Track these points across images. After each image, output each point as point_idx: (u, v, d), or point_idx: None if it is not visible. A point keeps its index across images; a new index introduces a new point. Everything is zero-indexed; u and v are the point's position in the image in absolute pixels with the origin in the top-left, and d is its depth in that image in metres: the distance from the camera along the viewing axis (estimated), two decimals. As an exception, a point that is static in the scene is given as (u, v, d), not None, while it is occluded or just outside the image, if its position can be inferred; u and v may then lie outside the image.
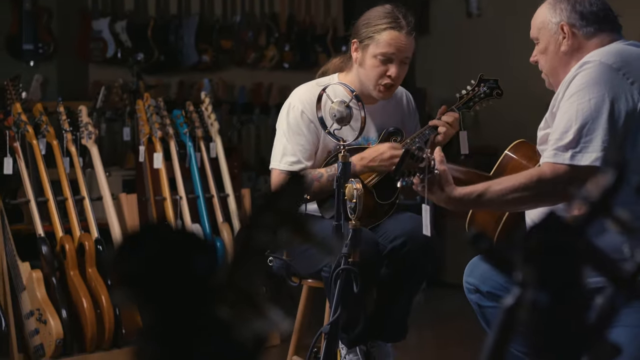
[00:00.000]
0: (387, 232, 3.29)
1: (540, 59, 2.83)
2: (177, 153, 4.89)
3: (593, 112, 2.56)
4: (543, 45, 2.81)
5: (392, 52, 3.29)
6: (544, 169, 2.64)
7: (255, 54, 7.05)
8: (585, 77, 2.61)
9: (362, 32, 3.34)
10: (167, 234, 0.89)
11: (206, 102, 5.07)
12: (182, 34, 6.77)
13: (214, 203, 4.95)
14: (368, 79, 3.34)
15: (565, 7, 2.78)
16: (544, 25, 2.80)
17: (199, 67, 6.84)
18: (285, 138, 3.37)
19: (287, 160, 3.34)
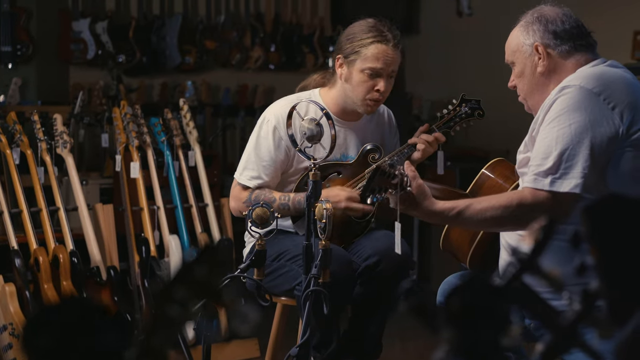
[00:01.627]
0: (361, 250, 3.34)
1: (518, 83, 2.86)
2: (154, 162, 4.92)
3: (574, 138, 2.59)
4: (519, 69, 2.84)
5: (380, 66, 3.35)
6: (525, 193, 2.67)
7: (240, 54, 7.08)
8: (565, 102, 2.63)
9: (346, 47, 3.38)
10: (78, 310, 0.93)
11: (185, 109, 5.09)
12: (165, 34, 6.79)
13: (193, 213, 4.98)
14: (356, 94, 3.39)
15: (538, 27, 2.80)
16: (518, 48, 2.83)
17: (182, 68, 6.86)
18: (252, 151, 3.45)
19: (247, 174, 3.43)
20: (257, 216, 3.02)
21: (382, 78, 3.37)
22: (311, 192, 3.01)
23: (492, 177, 3.07)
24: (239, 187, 3.46)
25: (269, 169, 3.41)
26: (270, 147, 3.40)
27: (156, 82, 6.86)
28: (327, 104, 3.45)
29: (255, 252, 3.03)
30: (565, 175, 2.60)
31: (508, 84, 2.93)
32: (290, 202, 3.36)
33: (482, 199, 2.77)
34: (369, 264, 3.31)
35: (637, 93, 2.68)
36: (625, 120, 2.61)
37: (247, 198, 3.41)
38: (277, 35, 7.26)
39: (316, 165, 3.02)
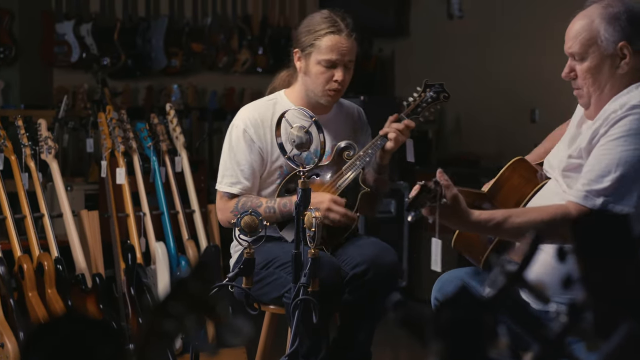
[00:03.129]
0: (349, 258, 3.38)
1: (585, 78, 2.73)
2: (140, 168, 4.95)
3: (636, 164, 2.56)
4: (592, 64, 2.70)
5: (335, 57, 3.43)
6: (570, 209, 2.63)
7: (227, 57, 7.12)
8: (635, 123, 2.58)
9: (302, 40, 3.48)
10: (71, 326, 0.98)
11: (171, 114, 5.13)
12: (150, 37, 6.83)
13: (179, 219, 5.02)
14: (315, 86, 3.48)
15: (625, 23, 2.67)
16: (596, 42, 2.69)
17: (168, 71, 6.90)
18: (227, 158, 3.52)
19: (227, 181, 3.49)
20: (246, 224, 3.07)
21: (339, 68, 3.45)
22: (300, 200, 3.06)
23: (514, 178, 3.02)
24: (223, 197, 3.51)
25: (247, 173, 3.47)
26: (243, 150, 3.47)
27: (141, 85, 6.90)
28: (293, 101, 3.53)
29: (244, 261, 3.07)
30: (619, 201, 2.56)
31: (563, 74, 2.78)
32: (276, 205, 3.41)
33: (521, 211, 2.74)
34: (357, 272, 3.36)
35: None
36: None
37: (234, 207, 3.46)
38: (265, 37, 7.30)
39: (304, 173, 3.08)
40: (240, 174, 3.48)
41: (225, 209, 3.50)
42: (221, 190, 3.52)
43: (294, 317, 3.05)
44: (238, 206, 3.44)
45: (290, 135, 3.09)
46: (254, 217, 3.07)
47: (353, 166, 3.47)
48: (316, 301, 3.02)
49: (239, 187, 3.47)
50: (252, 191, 3.49)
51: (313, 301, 3.00)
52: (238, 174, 3.48)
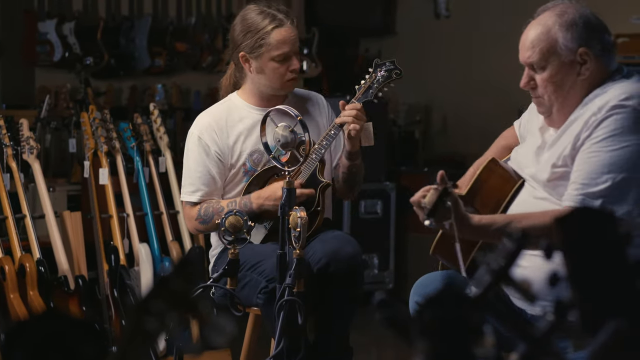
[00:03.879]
0: (313, 254, 3.37)
1: (546, 87, 2.74)
2: (124, 168, 4.95)
3: (629, 161, 2.58)
4: (553, 72, 2.71)
5: (287, 49, 3.47)
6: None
7: (211, 57, 7.10)
8: (619, 122, 2.59)
9: (246, 42, 3.48)
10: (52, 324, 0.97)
11: (155, 114, 5.13)
12: (134, 36, 6.81)
13: (163, 220, 5.02)
14: (273, 81, 3.51)
15: (582, 29, 2.69)
16: (555, 50, 2.70)
17: (152, 71, 6.87)
18: (185, 167, 3.58)
19: (187, 190, 3.55)
20: (231, 225, 3.08)
21: (292, 57, 3.48)
22: (285, 200, 3.07)
23: (491, 179, 3.01)
24: (187, 206, 3.55)
25: (205, 179, 3.49)
26: (200, 157, 3.50)
27: (125, 85, 6.88)
28: (247, 99, 3.56)
29: (228, 261, 3.07)
30: (618, 200, 2.57)
31: (521, 83, 2.79)
32: (237, 206, 3.42)
33: (522, 216, 2.73)
34: (320, 267, 3.35)
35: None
36: None
37: (197, 214, 3.49)
38: (250, 37, 7.29)
39: (289, 173, 3.09)
40: (199, 181, 3.50)
41: (190, 218, 3.54)
42: (184, 200, 3.57)
43: (278, 318, 3.05)
44: (201, 213, 3.48)
45: (275, 134, 3.10)
46: (239, 217, 3.08)
47: (310, 161, 3.43)
48: (301, 302, 3.02)
49: (199, 195, 3.50)
50: (213, 196, 3.50)
51: (299, 302, 3.00)
52: (196, 181, 3.51)
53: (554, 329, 1.36)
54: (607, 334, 1.29)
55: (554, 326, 1.35)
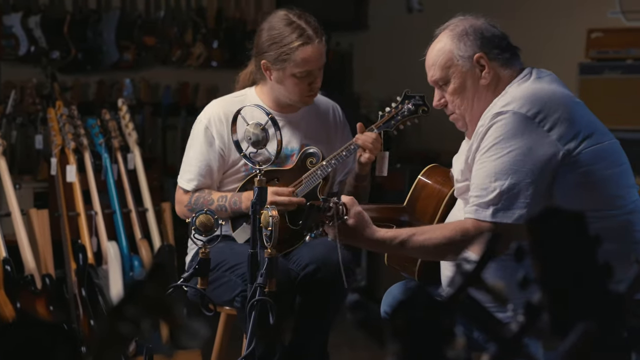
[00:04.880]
0: (299, 259, 3.41)
1: (454, 100, 2.83)
2: (92, 165, 4.95)
3: (512, 167, 2.63)
4: (457, 85, 2.81)
5: (311, 68, 3.43)
6: (467, 224, 2.71)
7: (181, 51, 7.11)
8: (500, 129, 2.65)
9: (271, 52, 3.45)
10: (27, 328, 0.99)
11: (123, 109, 5.13)
12: (102, 30, 6.80)
13: (132, 218, 5.02)
14: (292, 96, 3.49)
15: (474, 37, 2.80)
16: (453, 62, 2.80)
17: (120, 65, 6.86)
18: (188, 152, 3.58)
19: (185, 177, 3.55)
20: (201, 223, 3.09)
21: (315, 75, 3.46)
22: (256, 198, 3.08)
23: (430, 183, 3.10)
24: (181, 190, 3.55)
25: (204, 170, 3.50)
26: (202, 147, 3.50)
27: (92, 80, 6.86)
28: (263, 99, 3.56)
29: (199, 261, 3.09)
30: (508, 207, 2.64)
31: (434, 103, 2.90)
32: (227, 203, 3.44)
33: (424, 229, 2.80)
34: (307, 272, 3.39)
35: (569, 104, 2.72)
36: (562, 139, 2.64)
37: (187, 202, 3.51)
38: (220, 31, 7.30)
39: (261, 172, 3.10)
40: (197, 171, 3.51)
41: (181, 202, 3.57)
42: (180, 186, 3.57)
43: (249, 318, 3.07)
44: (191, 201, 3.50)
45: (246, 132, 3.11)
46: (209, 217, 3.09)
47: (313, 175, 3.48)
48: (273, 302, 3.04)
49: (194, 184, 3.51)
50: (209, 188, 3.52)
51: (270, 302, 3.02)
52: (194, 170, 3.52)
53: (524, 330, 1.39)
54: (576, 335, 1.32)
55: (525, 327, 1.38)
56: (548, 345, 1.37)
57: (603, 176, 2.69)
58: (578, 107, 2.76)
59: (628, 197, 2.73)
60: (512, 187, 2.63)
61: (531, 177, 2.62)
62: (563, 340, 1.34)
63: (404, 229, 2.82)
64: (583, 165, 2.65)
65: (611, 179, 2.71)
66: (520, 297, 1.35)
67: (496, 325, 1.44)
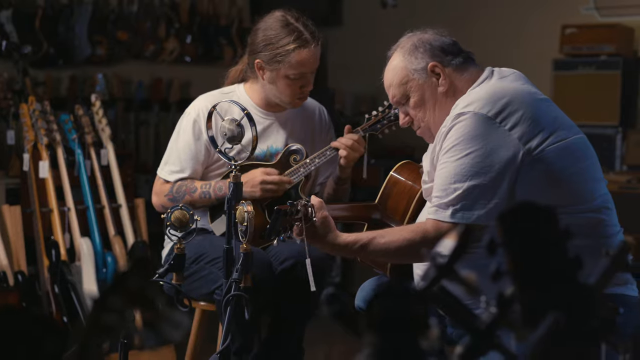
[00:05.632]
0: (278, 253, 3.46)
1: (417, 114, 2.88)
2: (65, 161, 4.97)
3: (472, 168, 2.66)
4: (417, 98, 2.86)
5: (305, 71, 3.48)
6: (427, 225, 2.75)
7: (154, 46, 7.12)
8: (461, 129, 2.67)
9: (266, 53, 3.49)
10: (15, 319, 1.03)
11: (97, 105, 5.15)
12: (74, 24, 6.79)
13: (105, 214, 5.04)
14: (283, 96, 3.53)
15: (424, 49, 2.86)
16: (408, 78, 2.86)
17: (93, 60, 6.85)
18: (173, 145, 3.60)
19: (168, 169, 3.56)
20: (176, 219, 3.12)
21: (308, 77, 3.50)
22: (232, 194, 3.12)
23: (401, 180, 3.14)
24: (161, 181, 3.58)
25: (190, 163, 3.54)
26: (189, 140, 3.53)
27: (64, 74, 6.86)
28: (252, 97, 3.59)
29: (174, 256, 3.12)
30: (468, 208, 2.68)
31: (400, 122, 2.96)
32: (211, 189, 3.48)
33: (385, 232, 2.83)
34: (285, 267, 3.43)
35: (532, 102, 2.74)
36: (524, 138, 2.66)
37: (168, 191, 3.53)
38: (194, 26, 7.32)
39: (236, 167, 3.14)
40: (182, 164, 3.55)
41: (160, 192, 3.57)
42: (161, 177, 3.59)
43: (225, 314, 3.10)
44: (173, 190, 3.52)
45: (221, 128, 3.14)
46: (185, 212, 3.12)
47: (296, 172, 3.52)
48: (248, 297, 3.08)
49: (177, 177, 3.55)
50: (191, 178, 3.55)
51: (245, 297, 3.06)
52: (178, 162, 3.55)
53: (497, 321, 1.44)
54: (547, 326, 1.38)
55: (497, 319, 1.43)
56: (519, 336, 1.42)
57: (569, 172, 2.72)
58: (542, 104, 2.77)
59: (596, 192, 2.76)
60: (471, 188, 2.66)
61: (491, 179, 2.65)
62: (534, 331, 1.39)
63: (365, 233, 2.85)
64: (547, 162, 2.68)
65: (578, 174, 2.74)
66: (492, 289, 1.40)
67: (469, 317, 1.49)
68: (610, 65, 6.19)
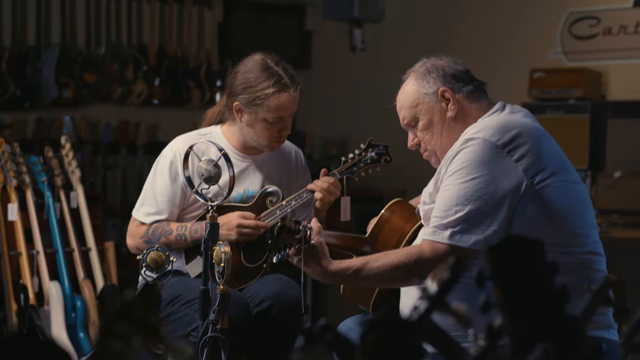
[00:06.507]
0: (254, 295, 3.49)
1: (424, 137, 2.97)
2: (34, 203, 4.98)
3: (475, 193, 2.73)
4: (425, 121, 2.95)
5: (284, 115, 3.54)
6: (424, 247, 2.80)
7: (121, 88, 7.13)
8: (468, 154, 2.75)
9: (244, 95, 3.54)
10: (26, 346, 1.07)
11: (66, 147, 5.17)
12: (41, 66, 6.81)
13: (75, 258, 5.04)
14: (261, 139, 3.57)
15: (437, 74, 2.94)
16: (419, 101, 2.95)
17: (60, 102, 6.85)
18: (149, 186, 3.62)
19: (144, 210, 3.58)
20: (152, 260, 3.15)
21: (286, 121, 3.55)
22: (209, 234, 3.16)
23: (393, 219, 3.18)
24: (136, 222, 3.60)
25: (166, 205, 3.56)
26: (166, 182, 3.56)
27: (31, 117, 6.85)
28: (229, 139, 3.63)
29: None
30: (466, 231, 2.73)
31: (408, 144, 3.03)
32: (187, 231, 3.51)
33: (378, 256, 2.89)
34: (261, 309, 3.47)
35: (539, 138, 2.83)
36: (529, 171, 2.73)
37: (144, 233, 3.55)
38: (162, 68, 7.35)
39: (213, 208, 3.18)
40: (159, 206, 3.57)
41: (136, 234, 3.59)
42: (137, 218, 3.61)
43: (202, 355, 3.13)
44: (149, 232, 3.54)
45: (198, 168, 3.19)
46: (160, 253, 3.16)
47: (272, 214, 3.56)
48: (225, 339, 3.11)
49: (153, 219, 3.57)
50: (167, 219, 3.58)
51: (222, 339, 3.09)
52: (156, 205, 3.57)
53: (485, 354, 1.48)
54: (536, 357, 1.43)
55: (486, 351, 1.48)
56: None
57: (566, 213, 2.79)
58: (549, 143, 2.87)
59: (589, 238, 2.84)
60: (472, 213, 2.72)
61: (492, 206, 2.72)
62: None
63: (357, 259, 2.90)
64: (547, 198, 2.75)
65: (574, 217, 2.81)
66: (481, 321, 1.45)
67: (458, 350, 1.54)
68: (579, 109, 6.30)
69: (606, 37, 6.58)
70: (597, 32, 6.61)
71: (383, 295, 3.11)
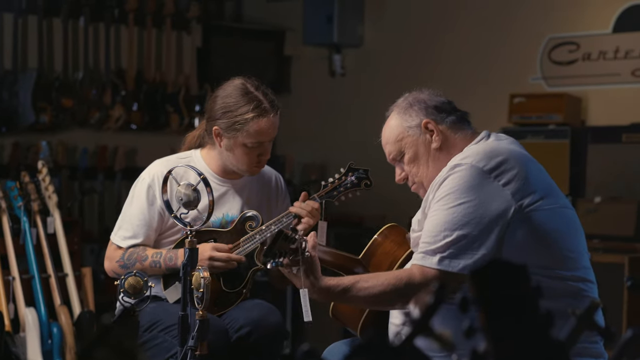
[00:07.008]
0: (234, 320, 3.48)
1: (411, 170, 3.00)
2: (10, 229, 4.95)
3: (463, 218, 2.76)
4: (411, 154, 2.98)
5: (263, 140, 3.53)
6: (414, 271, 2.82)
7: (99, 113, 7.11)
8: (456, 180, 2.79)
9: (224, 120, 3.53)
10: None
11: (43, 172, 5.15)
12: (18, 90, 6.79)
13: (51, 284, 5.01)
14: (240, 164, 3.57)
15: (419, 107, 2.99)
16: (404, 134, 2.99)
17: (37, 127, 6.83)
18: (127, 210, 3.61)
19: (121, 234, 3.58)
20: (130, 286, 3.13)
21: (265, 146, 3.54)
22: (187, 260, 3.14)
23: (386, 243, 3.21)
24: (114, 246, 3.59)
25: (142, 229, 3.55)
26: (143, 206, 3.55)
27: (7, 141, 6.84)
28: (209, 163, 3.62)
29: None
30: (455, 256, 2.76)
31: (396, 179, 3.06)
32: (162, 259, 3.50)
33: (369, 276, 2.91)
34: (241, 335, 3.45)
35: (526, 163, 2.86)
36: (517, 195, 2.76)
37: (120, 257, 3.54)
38: (140, 93, 7.34)
39: (192, 232, 3.16)
40: (135, 230, 3.56)
41: (112, 258, 3.59)
42: (114, 242, 3.60)
43: (180, 381, 3.11)
44: (125, 257, 3.54)
45: (177, 192, 3.17)
46: (139, 279, 3.14)
47: (251, 239, 3.55)
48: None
49: (130, 243, 3.56)
50: (144, 244, 3.56)
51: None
52: (133, 229, 3.56)
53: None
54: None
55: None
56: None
57: (555, 236, 2.82)
58: (536, 169, 2.90)
59: (579, 263, 2.86)
60: (460, 238, 2.75)
61: (480, 230, 2.74)
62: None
63: (347, 277, 2.92)
64: (537, 222, 2.78)
65: (564, 241, 2.84)
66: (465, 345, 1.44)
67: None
68: (559, 134, 6.33)
69: (585, 62, 6.62)
70: (577, 57, 6.65)
71: (372, 318, 3.11)
